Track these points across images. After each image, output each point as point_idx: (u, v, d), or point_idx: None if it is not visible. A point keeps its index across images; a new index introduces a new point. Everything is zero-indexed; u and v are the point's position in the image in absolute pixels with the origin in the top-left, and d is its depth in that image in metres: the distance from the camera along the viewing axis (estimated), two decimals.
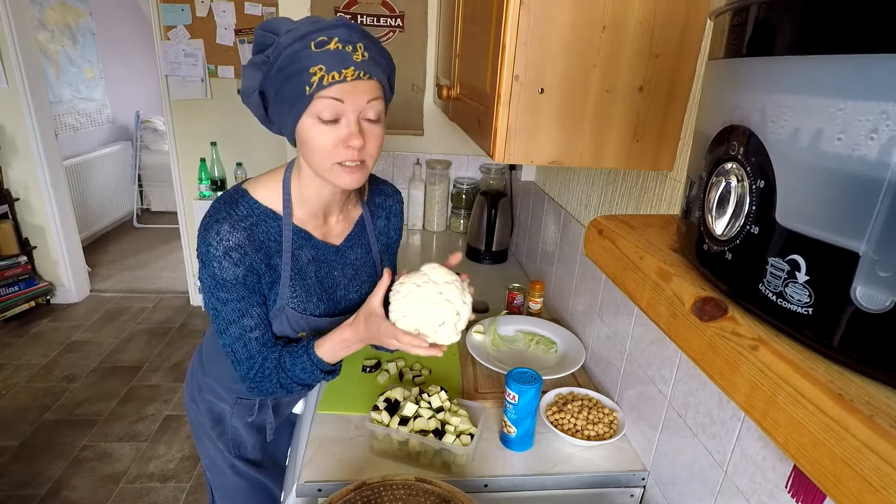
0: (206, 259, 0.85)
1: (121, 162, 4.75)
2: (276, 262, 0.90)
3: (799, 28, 0.31)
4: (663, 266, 0.45)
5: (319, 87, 0.77)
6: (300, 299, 0.94)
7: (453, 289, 0.86)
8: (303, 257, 0.93)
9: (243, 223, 0.86)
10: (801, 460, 0.29)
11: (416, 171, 2.26)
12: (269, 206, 0.89)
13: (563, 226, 1.55)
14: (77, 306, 3.34)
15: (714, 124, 0.40)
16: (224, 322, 0.90)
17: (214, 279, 0.86)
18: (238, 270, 0.86)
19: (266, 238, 0.88)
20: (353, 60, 0.77)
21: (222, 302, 0.88)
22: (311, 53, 0.76)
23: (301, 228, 0.93)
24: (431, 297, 0.85)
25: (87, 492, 2.00)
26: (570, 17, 0.76)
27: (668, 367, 0.95)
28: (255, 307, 0.90)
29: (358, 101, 0.79)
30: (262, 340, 0.92)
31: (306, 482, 0.94)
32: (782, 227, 0.32)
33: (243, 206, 0.87)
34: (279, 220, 0.90)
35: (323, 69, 0.76)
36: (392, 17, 2.09)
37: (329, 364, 0.92)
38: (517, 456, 1.04)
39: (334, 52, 0.76)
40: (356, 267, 1.02)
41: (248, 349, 0.91)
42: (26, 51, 2.87)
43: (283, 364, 0.92)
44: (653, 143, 0.86)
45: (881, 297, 0.26)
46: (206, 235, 0.85)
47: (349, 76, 0.78)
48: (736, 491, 0.77)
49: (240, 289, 0.87)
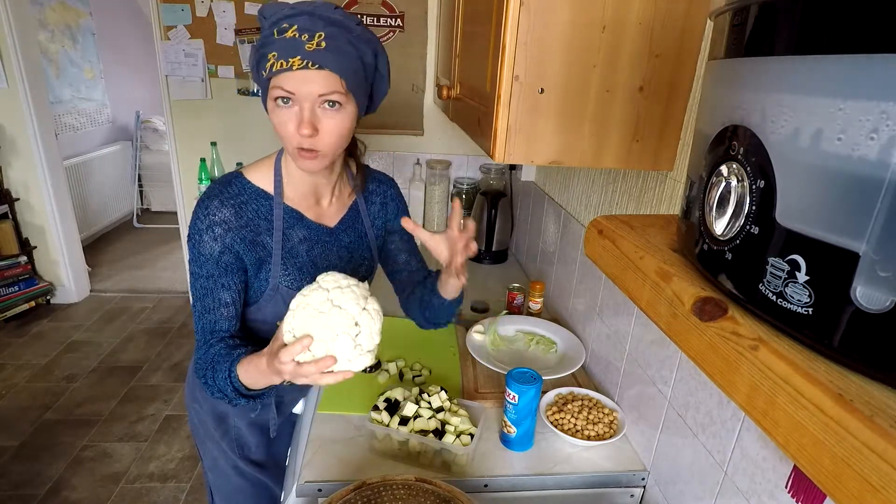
0: (191, 233, 0.87)
1: (121, 162, 4.75)
2: (266, 241, 0.91)
3: (799, 28, 0.31)
4: (663, 266, 0.45)
5: (270, 73, 0.78)
6: (293, 277, 0.93)
7: (347, 294, 0.72)
8: (294, 236, 0.94)
9: (233, 200, 0.88)
10: (801, 460, 0.29)
11: (416, 171, 2.26)
12: (260, 187, 0.91)
13: (563, 226, 1.55)
14: (77, 306, 3.34)
15: (714, 124, 0.40)
16: (193, 296, 0.91)
17: (193, 251, 0.88)
18: (215, 246, 0.86)
19: (255, 216, 0.90)
20: (305, 50, 0.76)
21: (194, 277, 0.89)
22: (272, 39, 0.78)
23: (292, 208, 0.93)
24: (319, 306, 0.70)
25: (87, 492, 2.00)
26: (570, 17, 0.76)
27: (668, 367, 0.95)
28: (220, 290, 0.89)
29: (308, 91, 0.78)
30: (216, 326, 0.90)
31: (306, 482, 0.94)
32: (782, 227, 0.32)
33: (236, 185, 0.90)
34: (270, 200, 0.92)
35: (275, 55, 0.77)
36: (392, 17, 2.09)
37: (243, 385, 0.84)
38: (517, 456, 1.04)
39: (289, 41, 0.77)
40: (351, 250, 1.02)
41: (202, 330, 0.91)
42: (26, 51, 2.87)
43: (215, 360, 0.87)
44: (653, 143, 0.86)
45: (881, 297, 0.26)
46: (196, 210, 0.87)
47: (295, 65, 0.77)
48: (736, 491, 0.77)
49: (210, 266, 0.88)
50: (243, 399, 0.87)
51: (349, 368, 0.72)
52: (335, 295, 0.71)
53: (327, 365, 0.70)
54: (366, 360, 0.72)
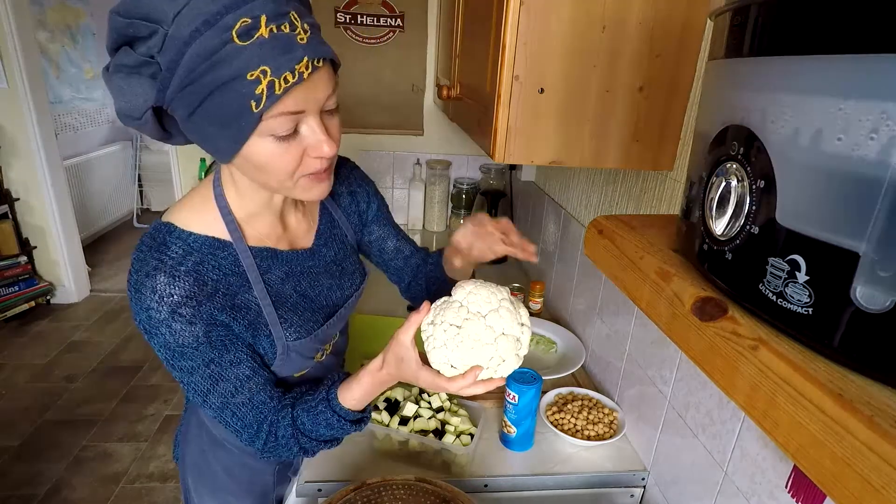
0: (151, 327, 0.66)
1: (121, 162, 4.75)
2: (246, 300, 0.72)
3: (799, 28, 0.31)
4: (663, 266, 0.45)
5: (272, 98, 0.55)
6: (295, 326, 0.76)
7: (504, 315, 0.66)
8: (275, 280, 0.75)
9: (183, 266, 0.66)
10: (801, 460, 0.29)
11: (416, 171, 2.26)
12: (210, 235, 0.69)
13: (563, 226, 1.55)
14: (77, 306, 3.34)
15: (714, 124, 0.40)
16: (199, 394, 0.70)
17: (169, 348, 0.67)
18: (196, 329, 0.66)
19: (221, 276, 0.69)
20: (300, 45, 0.56)
21: (187, 372, 0.69)
22: (237, 49, 0.53)
23: (261, 248, 0.74)
24: (482, 337, 0.64)
25: (87, 492, 2.00)
26: (570, 17, 0.76)
27: (668, 367, 0.95)
28: (231, 367, 0.70)
29: (317, 99, 0.61)
30: (255, 403, 0.72)
31: (306, 482, 0.94)
32: (782, 227, 0.32)
33: (175, 244, 0.66)
34: (230, 249, 0.71)
35: (268, 72, 0.54)
36: (392, 17, 2.09)
37: (356, 412, 0.73)
38: (517, 456, 1.04)
39: (272, 41, 0.54)
40: (338, 263, 0.87)
41: (240, 417, 0.72)
42: (26, 51, 2.87)
43: (300, 426, 0.72)
44: (653, 143, 0.86)
45: (881, 297, 0.26)
46: (141, 297, 0.65)
47: (305, 72, 0.57)
48: (736, 491, 0.77)
49: (206, 350, 0.68)
50: (358, 426, 0.75)
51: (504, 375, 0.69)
52: (493, 321, 0.65)
53: (494, 385, 0.68)
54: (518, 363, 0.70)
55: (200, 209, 0.71)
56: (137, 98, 0.57)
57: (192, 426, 0.96)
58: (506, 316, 0.66)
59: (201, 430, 0.94)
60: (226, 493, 0.97)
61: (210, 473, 0.96)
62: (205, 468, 0.96)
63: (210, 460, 0.95)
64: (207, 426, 0.93)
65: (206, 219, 0.70)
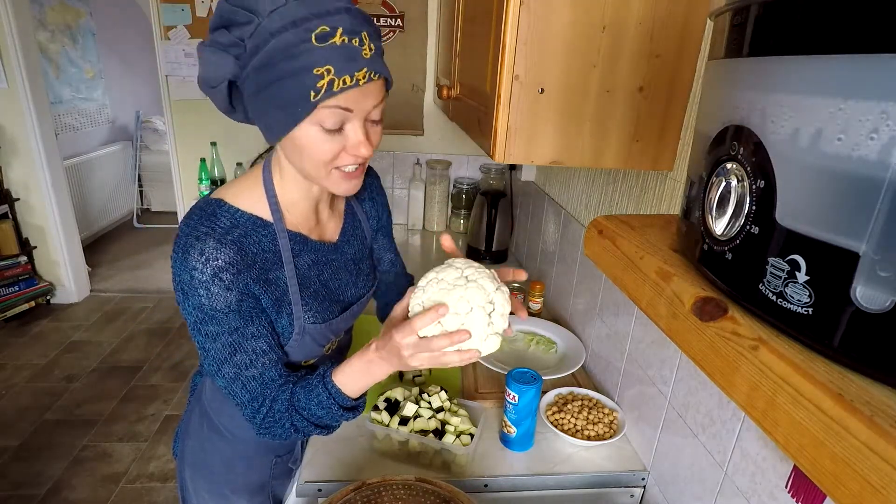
0: (190, 287, 0.71)
1: (121, 162, 4.76)
2: (277, 277, 0.78)
3: (799, 28, 0.31)
4: (663, 266, 0.45)
5: (329, 93, 0.65)
6: (314, 311, 0.82)
7: (481, 272, 0.70)
8: (302, 264, 0.82)
9: (230, 236, 0.72)
10: (801, 460, 0.29)
11: (416, 171, 2.26)
12: (254, 214, 0.77)
13: (563, 226, 1.55)
14: (77, 306, 3.34)
15: (714, 124, 0.40)
16: (215, 362, 0.75)
17: (202, 310, 0.72)
18: (230, 296, 0.72)
19: (259, 250, 0.76)
20: (363, 58, 0.66)
21: (211, 337, 0.73)
22: (312, 48, 0.63)
23: (296, 233, 0.81)
24: (454, 281, 0.69)
25: (87, 492, 2.00)
26: (570, 17, 0.76)
27: (668, 367, 0.95)
28: (251, 339, 0.75)
29: (366, 106, 0.70)
30: (265, 378, 0.77)
31: (306, 482, 0.94)
32: (782, 227, 0.32)
33: (224, 217, 0.73)
34: (270, 228, 0.78)
35: (331, 71, 0.63)
36: (392, 17, 2.09)
37: (349, 398, 0.76)
38: (517, 456, 1.04)
39: (342, 49, 0.64)
40: (356, 261, 0.93)
41: (248, 390, 0.76)
42: (26, 51, 2.87)
43: (296, 402, 0.76)
44: (653, 143, 0.86)
45: (881, 297, 0.26)
46: (187, 258, 0.70)
47: (361, 79, 0.66)
48: (736, 491, 0.77)
49: (233, 318, 0.73)
50: (348, 414, 0.77)
51: (479, 348, 0.68)
52: (469, 272, 0.70)
53: (462, 339, 0.66)
54: (494, 342, 0.69)
55: (248, 190, 0.78)
56: (220, 70, 0.67)
57: (194, 417, 0.98)
58: (483, 274, 0.70)
59: (203, 421, 0.96)
60: (222, 487, 0.98)
61: (208, 467, 0.98)
62: (203, 462, 0.98)
63: (209, 454, 0.97)
64: (209, 416, 0.96)
65: (252, 198, 0.78)
